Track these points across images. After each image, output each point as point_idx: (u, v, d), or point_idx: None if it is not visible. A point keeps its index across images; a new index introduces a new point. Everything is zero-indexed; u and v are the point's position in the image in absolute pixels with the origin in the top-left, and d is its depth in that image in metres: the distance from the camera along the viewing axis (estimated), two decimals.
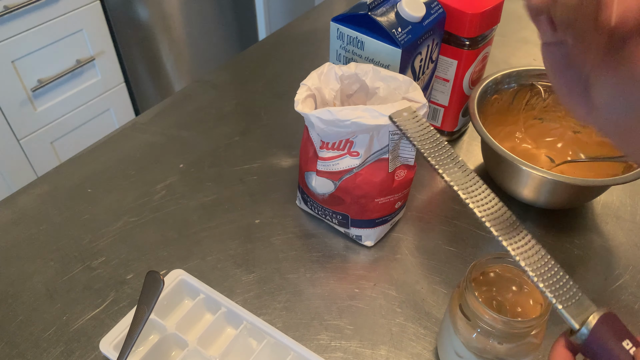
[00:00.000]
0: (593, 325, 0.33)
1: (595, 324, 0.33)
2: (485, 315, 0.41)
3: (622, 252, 0.61)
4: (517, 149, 0.70)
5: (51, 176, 0.70)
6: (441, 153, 0.41)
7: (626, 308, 0.55)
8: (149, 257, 0.60)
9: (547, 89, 0.69)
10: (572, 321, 0.34)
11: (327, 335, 0.53)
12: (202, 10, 1.75)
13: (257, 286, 0.57)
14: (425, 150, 0.41)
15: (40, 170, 1.44)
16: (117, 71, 1.53)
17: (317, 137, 0.55)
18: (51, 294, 0.56)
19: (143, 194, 0.67)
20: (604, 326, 0.33)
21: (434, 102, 0.72)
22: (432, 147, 0.42)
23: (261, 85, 0.86)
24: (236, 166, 0.71)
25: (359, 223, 0.59)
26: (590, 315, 0.33)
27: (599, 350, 0.33)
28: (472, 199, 0.39)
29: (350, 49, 0.61)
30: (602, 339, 0.33)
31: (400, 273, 0.59)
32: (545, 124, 0.70)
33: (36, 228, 0.63)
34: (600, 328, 0.33)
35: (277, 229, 0.63)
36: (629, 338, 0.33)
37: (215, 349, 0.52)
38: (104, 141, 0.75)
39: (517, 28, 1.00)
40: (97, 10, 1.40)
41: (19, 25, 1.25)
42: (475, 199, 0.39)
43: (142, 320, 0.46)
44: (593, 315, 0.33)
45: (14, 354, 0.51)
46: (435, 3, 0.61)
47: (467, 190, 0.39)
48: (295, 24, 1.02)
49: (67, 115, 1.45)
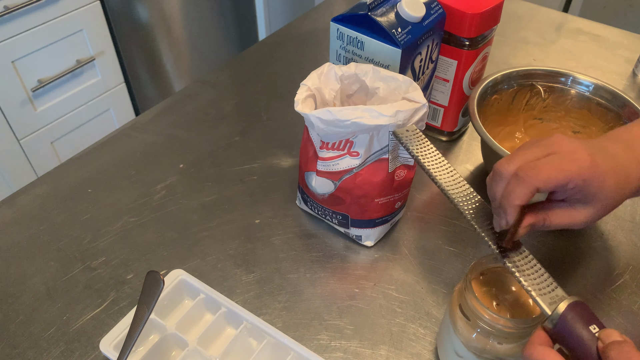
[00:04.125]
0: (563, 310, 0.36)
1: (565, 309, 0.36)
2: (485, 315, 0.41)
3: (622, 252, 0.61)
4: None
5: (51, 176, 0.70)
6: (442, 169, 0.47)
7: (626, 308, 0.55)
8: (149, 257, 0.60)
9: (547, 89, 0.69)
10: (544, 307, 0.38)
11: (327, 335, 0.53)
12: (202, 10, 1.75)
13: (257, 286, 0.57)
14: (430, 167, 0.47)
15: (40, 170, 1.44)
16: (117, 71, 1.53)
17: (317, 137, 0.55)
18: (51, 294, 0.56)
19: (143, 194, 0.67)
20: (572, 312, 0.36)
21: (434, 102, 0.72)
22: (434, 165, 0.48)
23: (261, 85, 0.86)
24: (236, 166, 0.71)
25: (359, 223, 0.59)
26: (560, 302, 0.37)
27: (568, 334, 0.36)
28: (471, 213, 0.44)
29: (350, 49, 0.61)
30: (570, 323, 0.36)
31: (400, 273, 0.59)
32: (545, 124, 0.70)
33: (36, 228, 0.63)
34: (569, 313, 0.36)
35: (277, 229, 0.63)
36: (596, 323, 0.36)
37: (215, 349, 0.52)
38: (104, 141, 0.75)
39: (517, 28, 1.00)
40: (97, 10, 1.40)
41: (19, 25, 1.25)
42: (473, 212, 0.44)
43: (142, 320, 0.46)
44: (564, 302, 0.37)
45: (14, 354, 0.51)
46: (435, 3, 0.61)
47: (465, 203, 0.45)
48: (295, 24, 1.02)
49: (67, 115, 1.45)
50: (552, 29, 1.00)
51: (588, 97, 0.67)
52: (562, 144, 0.41)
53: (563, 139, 0.42)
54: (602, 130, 0.66)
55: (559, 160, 0.40)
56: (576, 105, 0.68)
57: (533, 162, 0.40)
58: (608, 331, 0.36)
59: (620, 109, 0.64)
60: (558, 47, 0.95)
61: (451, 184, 0.46)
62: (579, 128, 0.68)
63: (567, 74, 0.68)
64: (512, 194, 0.40)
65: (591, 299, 0.56)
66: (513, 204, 0.40)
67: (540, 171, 0.39)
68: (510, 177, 0.41)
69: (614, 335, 0.35)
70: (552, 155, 0.40)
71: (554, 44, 0.96)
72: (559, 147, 0.41)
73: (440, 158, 0.49)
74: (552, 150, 0.41)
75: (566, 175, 0.39)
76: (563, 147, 0.41)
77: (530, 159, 0.41)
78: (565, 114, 0.69)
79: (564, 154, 0.40)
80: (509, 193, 0.40)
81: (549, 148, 0.41)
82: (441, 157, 0.49)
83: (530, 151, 0.41)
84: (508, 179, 0.41)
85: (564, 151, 0.41)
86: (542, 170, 0.39)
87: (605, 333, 0.36)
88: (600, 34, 0.99)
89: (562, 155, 0.40)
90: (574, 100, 0.68)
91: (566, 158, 0.40)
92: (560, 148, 0.41)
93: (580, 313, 0.36)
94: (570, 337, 0.36)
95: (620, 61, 0.92)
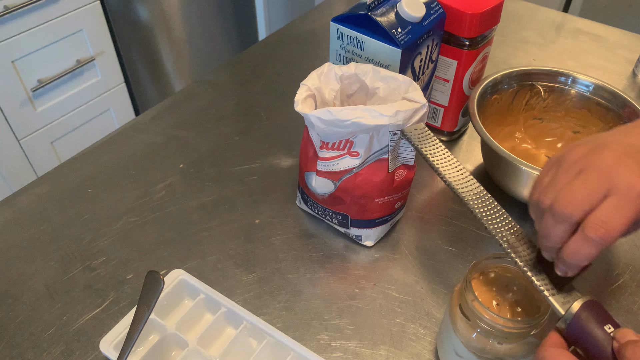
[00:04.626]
0: (576, 310, 0.36)
1: (578, 309, 0.36)
2: (485, 315, 0.41)
3: (622, 252, 0.61)
4: (517, 149, 0.70)
5: (51, 176, 0.70)
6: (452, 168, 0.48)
7: (626, 308, 0.55)
8: (149, 257, 0.60)
9: (547, 89, 0.69)
10: (557, 307, 0.37)
11: (327, 335, 0.53)
12: (202, 10, 1.75)
13: (257, 286, 0.57)
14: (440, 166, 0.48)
15: (40, 170, 1.44)
16: (117, 71, 1.53)
17: (317, 137, 0.55)
18: (51, 294, 0.56)
19: (143, 194, 0.67)
20: (586, 311, 0.36)
21: (434, 102, 0.72)
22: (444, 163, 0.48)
23: (261, 85, 0.86)
24: (236, 166, 0.71)
25: (359, 223, 0.59)
26: (574, 301, 0.36)
27: (582, 334, 0.35)
28: (481, 210, 0.44)
29: (350, 49, 0.61)
30: (584, 323, 0.35)
31: (400, 273, 0.59)
32: (545, 124, 0.70)
33: (36, 228, 0.63)
34: (582, 313, 0.35)
35: (277, 229, 0.63)
36: (611, 322, 0.35)
37: (215, 349, 0.52)
38: (104, 141, 0.75)
39: (517, 28, 1.00)
40: (97, 10, 1.40)
41: (19, 25, 1.25)
42: (484, 210, 0.44)
43: (142, 320, 0.46)
44: (577, 301, 0.36)
45: (14, 354, 0.51)
46: (435, 3, 0.61)
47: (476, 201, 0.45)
48: (295, 24, 1.02)
49: (67, 115, 1.45)
50: (552, 29, 1.00)
51: (588, 97, 0.67)
52: (617, 175, 0.35)
53: (613, 165, 0.36)
54: (602, 130, 0.66)
55: (623, 206, 0.35)
56: (576, 105, 0.68)
57: (599, 214, 0.35)
58: (623, 330, 0.35)
59: (620, 109, 0.64)
60: (558, 47, 0.95)
61: (461, 183, 0.46)
62: (579, 128, 0.68)
63: (567, 74, 0.68)
64: (579, 254, 0.36)
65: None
66: (580, 265, 0.36)
67: (611, 229, 0.34)
68: (574, 224, 0.36)
69: (630, 335, 0.34)
70: (613, 198, 0.35)
71: (554, 44, 0.96)
72: (616, 181, 0.35)
73: (449, 156, 0.49)
74: (610, 185, 0.35)
75: (632, 219, 0.35)
76: (620, 180, 0.35)
77: (592, 199, 0.35)
78: (565, 114, 0.69)
79: (623, 194, 0.35)
80: (574, 253, 0.36)
81: (607, 182, 0.36)
82: (450, 155, 0.49)
83: (587, 185, 0.36)
84: (572, 226, 0.36)
85: (622, 189, 0.35)
86: (612, 226, 0.34)
87: (620, 332, 0.35)
88: (600, 34, 0.99)
89: (623, 195, 0.35)
90: (574, 100, 0.68)
91: (628, 199, 0.35)
92: (617, 182, 0.35)
93: (595, 312, 0.36)
94: (585, 337, 0.35)
95: (620, 61, 0.92)
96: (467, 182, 0.46)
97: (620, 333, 0.35)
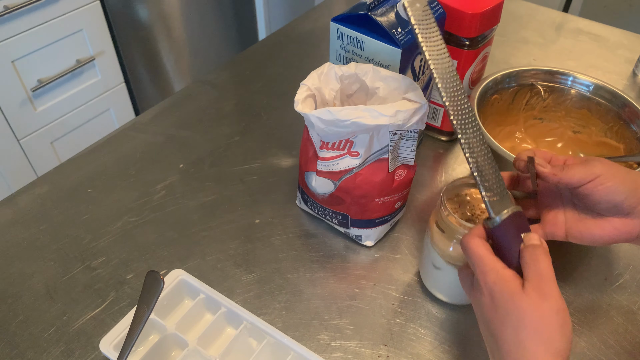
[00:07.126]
0: (504, 218, 0.42)
1: (506, 217, 0.42)
2: (456, 224, 0.48)
3: (622, 252, 0.61)
4: (517, 149, 0.70)
5: (51, 176, 0.70)
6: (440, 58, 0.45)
7: (626, 308, 0.55)
8: (149, 257, 0.60)
9: (547, 89, 0.69)
10: (491, 210, 0.43)
11: (327, 335, 0.53)
12: (202, 10, 1.75)
13: (257, 286, 0.57)
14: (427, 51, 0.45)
15: (40, 170, 1.44)
16: (117, 71, 1.53)
17: (317, 137, 0.55)
18: (51, 294, 0.56)
19: (143, 194, 0.67)
20: (511, 219, 0.42)
21: (434, 102, 0.72)
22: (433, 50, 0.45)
23: (261, 85, 0.86)
24: (236, 166, 0.71)
25: (359, 223, 0.59)
26: (505, 209, 0.42)
27: (502, 236, 0.42)
28: (456, 109, 0.44)
29: (350, 49, 0.61)
30: (507, 228, 0.42)
31: (400, 273, 0.59)
32: (545, 123, 0.70)
33: (36, 228, 0.63)
34: (508, 220, 0.42)
35: (277, 229, 0.63)
36: (527, 231, 0.42)
37: (215, 349, 0.52)
38: (104, 141, 0.75)
39: (517, 28, 1.00)
40: (97, 10, 1.40)
41: (19, 25, 1.24)
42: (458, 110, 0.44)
43: (142, 320, 0.46)
44: (507, 210, 0.42)
45: (14, 354, 0.51)
46: (435, 3, 0.61)
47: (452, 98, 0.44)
48: (295, 24, 1.02)
49: (67, 115, 1.45)
50: (552, 29, 1.00)
51: (588, 97, 0.67)
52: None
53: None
54: (602, 130, 0.66)
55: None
56: (576, 105, 0.68)
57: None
58: (530, 235, 0.41)
59: (620, 109, 0.64)
60: (558, 47, 0.95)
61: (445, 76, 0.44)
62: (579, 128, 0.68)
63: (567, 73, 0.68)
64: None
65: (591, 299, 0.56)
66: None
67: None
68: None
69: (534, 240, 0.41)
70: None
71: (554, 43, 0.96)
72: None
73: (441, 46, 0.45)
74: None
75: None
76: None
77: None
78: (565, 113, 0.69)
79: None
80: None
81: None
82: (443, 46, 0.45)
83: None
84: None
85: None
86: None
87: (527, 237, 0.41)
88: (600, 34, 0.99)
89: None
90: (574, 100, 0.68)
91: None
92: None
93: (517, 222, 0.42)
94: (503, 238, 0.42)
95: (620, 61, 0.92)
96: (452, 78, 0.44)
97: (527, 237, 0.41)
